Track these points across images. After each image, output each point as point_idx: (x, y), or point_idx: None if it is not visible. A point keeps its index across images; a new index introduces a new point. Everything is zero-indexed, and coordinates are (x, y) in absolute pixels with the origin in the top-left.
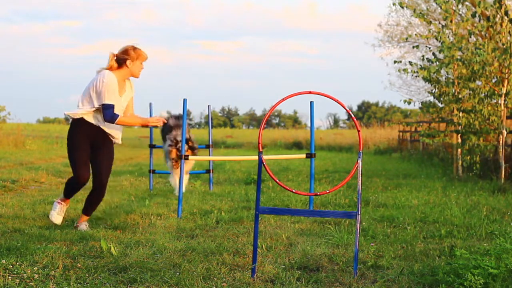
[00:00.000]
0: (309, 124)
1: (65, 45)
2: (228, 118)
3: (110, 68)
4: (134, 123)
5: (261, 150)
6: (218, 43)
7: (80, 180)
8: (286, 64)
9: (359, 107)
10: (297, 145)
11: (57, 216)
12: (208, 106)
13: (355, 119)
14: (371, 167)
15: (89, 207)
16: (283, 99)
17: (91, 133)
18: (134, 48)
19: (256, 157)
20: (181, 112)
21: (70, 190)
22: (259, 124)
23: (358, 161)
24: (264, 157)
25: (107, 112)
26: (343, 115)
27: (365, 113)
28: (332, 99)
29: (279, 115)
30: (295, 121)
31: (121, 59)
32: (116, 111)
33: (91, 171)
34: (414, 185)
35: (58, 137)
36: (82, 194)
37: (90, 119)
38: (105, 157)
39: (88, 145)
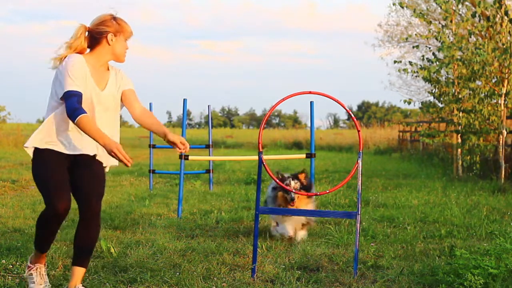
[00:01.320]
0: (309, 124)
1: None
2: (228, 118)
3: (79, 52)
4: (94, 136)
5: (261, 150)
6: (217, 43)
7: (55, 208)
8: (286, 64)
9: (359, 107)
10: (297, 145)
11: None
12: (208, 106)
13: (355, 119)
14: (371, 167)
15: (80, 250)
16: (283, 99)
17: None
18: (115, 18)
19: (256, 157)
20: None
21: (40, 232)
22: (259, 124)
23: (358, 161)
24: (264, 157)
25: (68, 102)
26: (343, 115)
27: (365, 113)
28: (332, 99)
29: (279, 115)
30: (295, 121)
31: (98, 34)
32: (83, 104)
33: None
34: (414, 185)
35: None
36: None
37: (55, 145)
38: (91, 176)
39: (64, 169)
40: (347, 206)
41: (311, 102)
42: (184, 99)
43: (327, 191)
